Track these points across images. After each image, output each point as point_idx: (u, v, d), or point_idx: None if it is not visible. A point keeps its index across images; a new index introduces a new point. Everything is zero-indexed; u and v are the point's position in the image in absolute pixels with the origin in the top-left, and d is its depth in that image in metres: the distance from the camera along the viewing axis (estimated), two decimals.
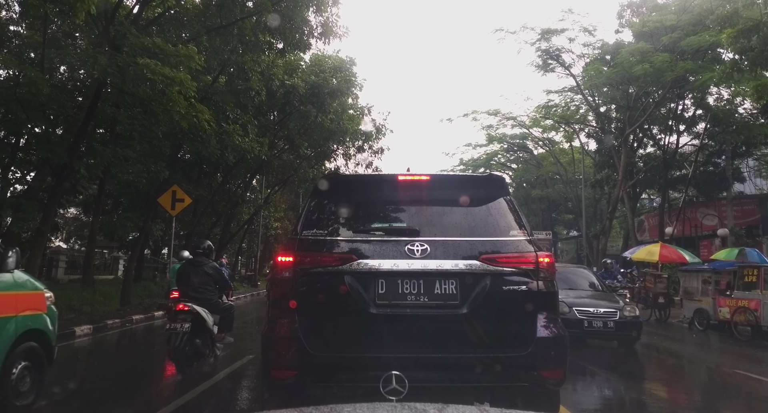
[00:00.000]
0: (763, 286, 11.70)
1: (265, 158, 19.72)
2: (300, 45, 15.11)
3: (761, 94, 14.53)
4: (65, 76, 15.62)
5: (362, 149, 26.50)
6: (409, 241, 3.16)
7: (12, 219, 13.43)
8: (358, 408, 1.39)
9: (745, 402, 6.33)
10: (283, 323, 3.14)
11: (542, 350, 3.09)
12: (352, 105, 23.98)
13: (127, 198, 20.34)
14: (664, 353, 10.56)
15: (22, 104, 11.11)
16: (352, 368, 3.04)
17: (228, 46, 14.19)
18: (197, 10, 13.77)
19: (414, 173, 3.62)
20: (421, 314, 3.08)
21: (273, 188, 29.83)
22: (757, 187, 28.22)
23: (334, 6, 14.37)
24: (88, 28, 12.96)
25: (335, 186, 3.71)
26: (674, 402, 6.09)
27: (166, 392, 6.00)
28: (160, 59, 10.79)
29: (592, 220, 36.64)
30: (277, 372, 3.15)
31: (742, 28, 13.61)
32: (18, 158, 15.19)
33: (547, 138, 37.81)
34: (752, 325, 11.55)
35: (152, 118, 12.79)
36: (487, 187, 3.58)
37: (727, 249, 17.00)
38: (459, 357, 3.05)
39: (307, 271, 3.15)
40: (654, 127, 28.10)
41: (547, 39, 26.23)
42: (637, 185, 29.41)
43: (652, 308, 15.50)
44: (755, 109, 23.09)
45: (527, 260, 3.19)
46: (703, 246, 26.83)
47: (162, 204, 14.80)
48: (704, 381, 8.01)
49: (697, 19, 20.58)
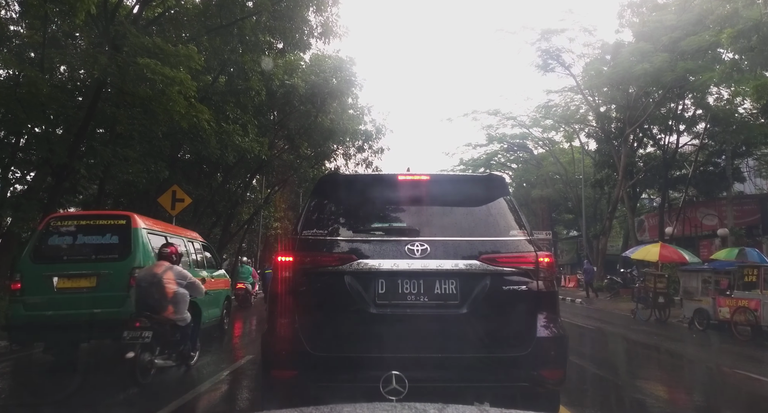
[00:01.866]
0: (763, 286, 11.70)
1: (265, 158, 19.72)
2: (300, 45, 15.13)
3: (761, 94, 14.53)
4: (65, 76, 15.62)
5: (362, 148, 26.48)
6: (409, 241, 3.16)
7: (12, 219, 13.43)
8: (358, 408, 1.39)
9: (745, 402, 6.33)
10: (283, 323, 3.14)
11: (542, 350, 3.09)
12: (352, 105, 23.97)
13: (127, 198, 20.34)
14: (664, 353, 10.56)
15: (22, 103, 11.11)
16: (352, 368, 3.04)
17: (228, 46, 14.20)
18: (197, 10, 13.79)
19: (414, 173, 3.62)
20: (421, 314, 3.08)
21: (273, 188, 29.81)
22: (757, 187, 28.23)
23: (334, 6, 14.39)
24: (88, 28, 12.95)
25: (335, 186, 3.71)
26: (674, 402, 6.09)
27: (166, 392, 6.00)
28: (160, 59, 10.80)
29: (592, 220, 36.64)
30: (277, 372, 3.15)
31: (742, 28, 13.62)
32: (18, 158, 15.17)
33: (547, 138, 37.84)
34: (752, 325, 11.55)
35: (152, 118, 12.80)
36: (487, 187, 3.58)
37: (727, 249, 16.99)
38: (459, 357, 3.05)
39: (307, 271, 3.15)
40: (654, 127, 28.11)
41: (547, 39, 26.28)
42: (637, 185, 29.42)
43: (652, 308, 15.50)
44: (755, 109, 23.09)
45: (527, 260, 3.19)
46: (703, 246, 26.84)
47: (162, 204, 14.78)
48: (704, 381, 8.00)
49: (697, 19, 20.57)
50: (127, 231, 7.30)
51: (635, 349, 11.05)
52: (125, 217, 7.58)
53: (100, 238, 7.37)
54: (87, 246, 7.32)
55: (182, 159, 20.35)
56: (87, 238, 7.40)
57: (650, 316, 15.52)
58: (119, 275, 6.96)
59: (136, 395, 5.72)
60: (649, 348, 11.06)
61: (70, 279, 6.99)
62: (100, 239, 7.37)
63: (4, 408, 5.16)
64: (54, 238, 7.41)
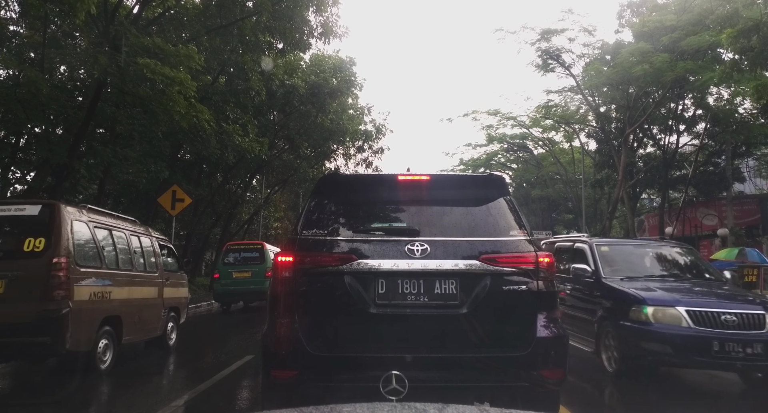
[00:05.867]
0: (763, 286, 11.71)
1: (265, 158, 19.73)
2: (300, 45, 15.14)
3: (761, 94, 14.50)
4: (65, 76, 15.63)
5: (362, 149, 26.51)
6: (409, 241, 3.16)
7: None
8: (358, 408, 1.39)
9: (746, 402, 6.32)
10: (283, 323, 3.14)
11: (542, 350, 3.09)
12: (352, 105, 24.00)
13: (127, 198, 20.35)
14: None
15: (22, 103, 11.11)
16: (352, 368, 3.04)
17: (228, 46, 14.21)
18: (197, 10, 13.79)
19: (414, 173, 3.62)
20: (421, 314, 3.09)
21: (273, 188, 29.82)
22: (757, 187, 28.24)
23: (334, 6, 14.41)
24: (88, 28, 12.96)
25: (335, 186, 3.71)
26: (674, 402, 6.08)
27: (167, 392, 5.99)
28: (160, 59, 10.80)
29: (592, 220, 36.64)
30: (277, 372, 3.15)
31: (742, 28, 13.59)
32: (18, 158, 15.18)
33: (547, 138, 37.80)
34: None
35: (152, 118, 12.81)
36: (487, 187, 3.59)
37: (727, 249, 17.03)
38: (459, 357, 3.05)
39: (307, 271, 3.15)
40: (654, 127, 28.10)
41: (547, 39, 26.23)
42: (637, 185, 29.41)
43: None
44: (755, 109, 23.08)
45: (527, 260, 3.19)
46: (703, 246, 26.83)
47: (162, 204, 14.82)
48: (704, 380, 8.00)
49: (697, 19, 20.56)
50: (262, 250, 15.85)
51: None
52: (260, 243, 16.85)
53: (250, 254, 15.84)
54: (245, 258, 15.73)
55: (182, 159, 20.36)
56: (245, 254, 15.95)
57: None
58: (261, 271, 14.63)
59: (137, 395, 5.71)
60: None
61: (239, 272, 15.09)
62: (250, 254, 15.82)
63: (4, 408, 5.16)
64: (229, 255, 16.05)
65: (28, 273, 5.54)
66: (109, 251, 6.75)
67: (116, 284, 6.64)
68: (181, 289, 9.31)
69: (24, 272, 5.54)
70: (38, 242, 5.67)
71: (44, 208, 5.94)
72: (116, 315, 6.58)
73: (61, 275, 5.55)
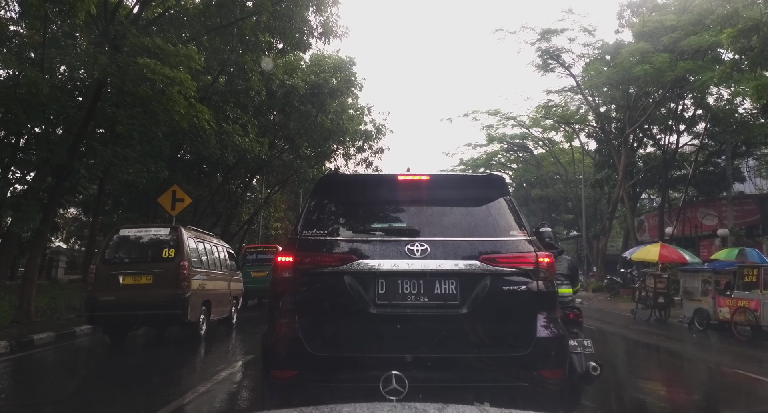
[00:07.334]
0: (763, 286, 11.70)
1: (265, 158, 19.72)
2: (300, 45, 15.10)
3: (761, 94, 14.49)
4: (65, 76, 15.61)
5: (362, 149, 26.49)
6: (409, 241, 3.16)
7: (12, 219, 13.41)
8: (358, 408, 1.39)
9: (746, 402, 6.32)
10: (283, 323, 3.14)
11: (542, 350, 3.08)
12: (352, 105, 23.98)
13: (127, 198, 20.35)
14: (664, 353, 10.56)
15: (22, 104, 11.10)
16: (352, 368, 3.04)
17: (228, 46, 14.18)
18: (197, 10, 13.77)
19: (414, 173, 3.61)
20: (421, 314, 3.08)
21: (273, 188, 29.81)
22: (757, 187, 28.22)
23: (334, 6, 14.37)
24: (88, 28, 12.95)
25: (335, 186, 3.71)
26: (674, 402, 6.08)
27: (167, 392, 6.00)
28: (160, 59, 10.78)
29: (592, 220, 36.64)
30: (277, 372, 3.15)
31: (742, 28, 13.59)
32: (18, 158, 15.17)
33: (547, 138, 37.82)
34: (752, 325, 11.54)
35: (152, 118, 12.79)
36: (487, 187, 3.58)
37: (727, 249, 16.99)
38: (459, 357, 3.04)
39: (307, 271, 3.15)
40: (654, 127, 28.12)
41: (547, 39, 26.26)
42: (637, 185, 29.41)
43: (652, 308, 15.50)
44: (755, 109, 23.08)
45: (527, 260, 3.19)
46: (703, 246, 26.83)
47: (162, 204, 14.78)
48: (704, 381, 8.01)
49: (697, 19, 20.57)
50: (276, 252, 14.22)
51: (635, 349, 11.06)
52: (275, 246, 17.50)
53: (266, 255, 17.43)
54: (261, 259, 17.52)
55: (182, 159, 20.35)
56: (261, 255, 17.86)
57: (650, 316, 15.52)
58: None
59: (137, 394, 5.72)
60: (649, 347, 11.06)
61: (257, 272, 16.48)
62: (266, 255, 17.31)
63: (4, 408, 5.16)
64: (248, 257, 17.90)
65: (166, 271, 8.80)
66: (205, 257, 10.10)
67: (209, 279, 10.01)
68: (239, 283, 12.73)
69: (163, 270, 8.82)
70: (171, 251, 9.03)
71: (172, 230, 9.38)
72: (208, 300, 9.83)
73: (185, 273, 8.79)
